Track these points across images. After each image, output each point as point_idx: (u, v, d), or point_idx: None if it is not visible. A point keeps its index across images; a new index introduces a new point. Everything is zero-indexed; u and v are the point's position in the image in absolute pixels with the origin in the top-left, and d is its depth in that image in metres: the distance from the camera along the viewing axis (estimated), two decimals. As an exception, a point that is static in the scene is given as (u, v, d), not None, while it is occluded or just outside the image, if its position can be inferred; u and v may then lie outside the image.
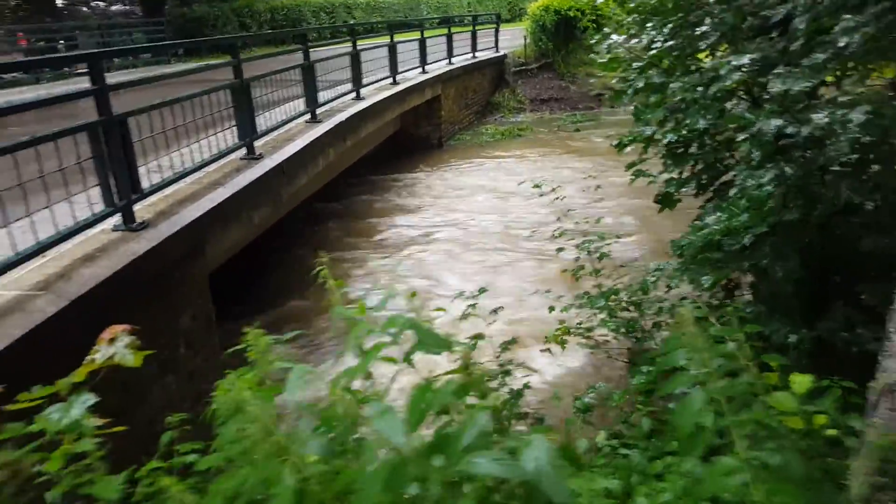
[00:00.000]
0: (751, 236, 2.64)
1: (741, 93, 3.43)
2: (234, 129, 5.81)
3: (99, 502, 1.40)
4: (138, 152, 4.21)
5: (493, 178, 12.18)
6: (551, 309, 5.07)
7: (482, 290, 4.57)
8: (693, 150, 3.59)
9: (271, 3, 22.45)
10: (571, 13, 19.41)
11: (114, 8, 30.36)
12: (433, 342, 1.20)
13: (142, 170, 4.30)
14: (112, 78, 4.01)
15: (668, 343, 1.33)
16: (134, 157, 4.10)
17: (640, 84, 3.56)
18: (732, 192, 2.86)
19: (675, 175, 4.07)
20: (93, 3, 30.73)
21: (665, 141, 3.64)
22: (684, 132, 3.43)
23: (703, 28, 3.25)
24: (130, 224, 4.04)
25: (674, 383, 1.23)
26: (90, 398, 1.87)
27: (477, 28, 17.79)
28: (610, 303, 4.75)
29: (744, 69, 2.77)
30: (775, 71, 2.70)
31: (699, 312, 1.45)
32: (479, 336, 2.15)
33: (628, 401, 3.56)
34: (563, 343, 4.85)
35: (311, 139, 7.08)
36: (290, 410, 1.37)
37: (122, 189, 3.96)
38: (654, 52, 3.57)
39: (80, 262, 3.57)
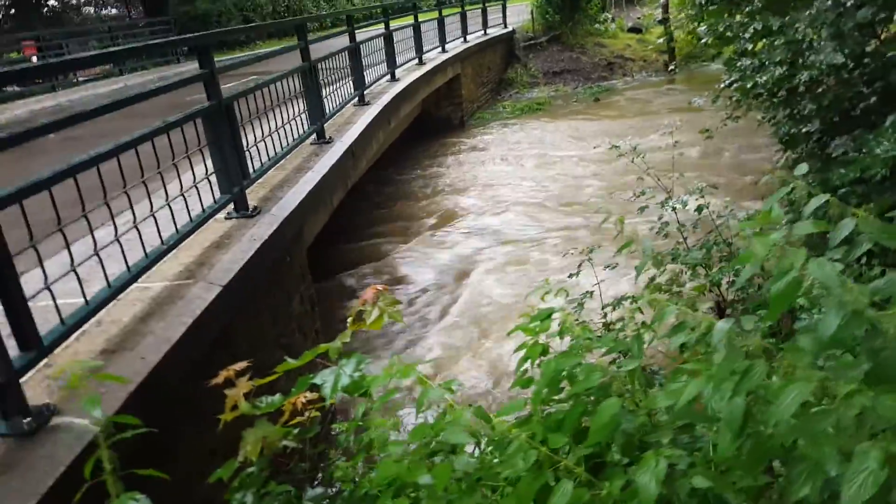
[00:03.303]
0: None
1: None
2: (305, 113, 5.72)
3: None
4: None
5: (538, 148, 12.17)
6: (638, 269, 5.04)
7: (590, 252, 4.54)
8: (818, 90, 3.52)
9: (272, -4, 22.21)
10: (576, -17, 19.26)
11: (105, 12, 30.03)
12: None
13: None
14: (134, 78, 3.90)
15: None
16: (241, 142, 4.03)
17: (759, 27, 3.48)
18: (890, 121, 2.79)
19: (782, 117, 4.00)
20: (84, 10, 30.36)
21: (783, 85, 3.57)
22: (805, 74, 3.35)
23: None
24: (244, 210, 3.98)
25: None
26: (365, 359, 1.85)
27: (486, 5, 17.59)
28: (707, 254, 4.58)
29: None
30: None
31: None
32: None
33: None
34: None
35: (369, 121, 7.00)
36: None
37: (234, 176, 3.90)
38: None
39: (213, 249, 3.52)
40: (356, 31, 7.78)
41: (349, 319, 1.84)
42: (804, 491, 1.07)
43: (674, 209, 4.91)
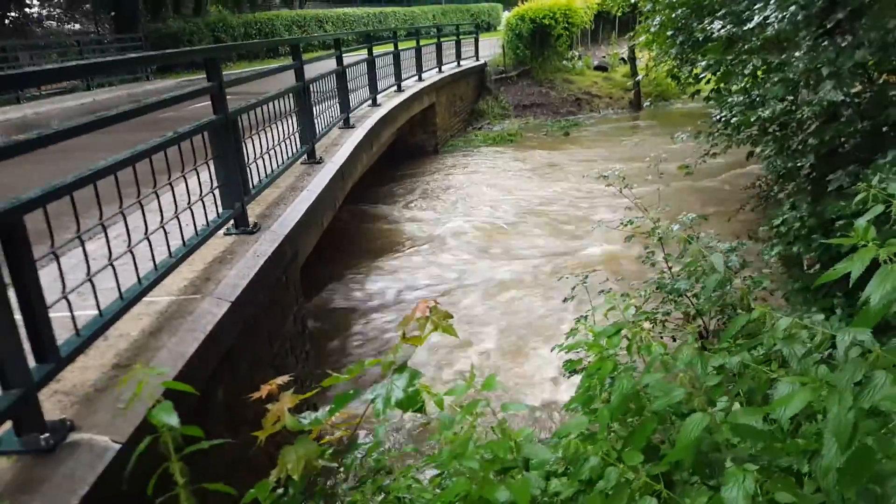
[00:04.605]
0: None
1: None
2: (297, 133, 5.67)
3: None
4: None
5: (510, 177, 12.37)
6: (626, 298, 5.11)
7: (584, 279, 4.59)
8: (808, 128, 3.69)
9: (244, 18, 22.14)
10: (546, 21, 19.83)
11: (69, 27, 29.35)
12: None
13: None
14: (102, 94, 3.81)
15: None
16: (244, 158, 3.96)
17: (758, 62, 3.64)
18: (892, 156, 2.94)
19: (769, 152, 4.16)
20: (46, 24, 29.63)
21: (779, 120, 3.72)
22: (808, 110, 3.51)
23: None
24: (244, 227, 3.90)
25: None
26: (417, 372, 1.81)
27: (459, 38, 17.95)
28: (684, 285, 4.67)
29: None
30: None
31: None
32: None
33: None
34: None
35: (356, 143, 6.99)
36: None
37: (237, 191, 3.82)
38: (771, 31, 3.66)
39: (216, 264, 3.42)
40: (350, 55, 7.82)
41: (400, 333, 1.80)
42: None
43: (659, 239, 5.03)
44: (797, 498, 1.30)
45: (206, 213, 3.43)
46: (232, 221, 3.87)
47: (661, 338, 5.21)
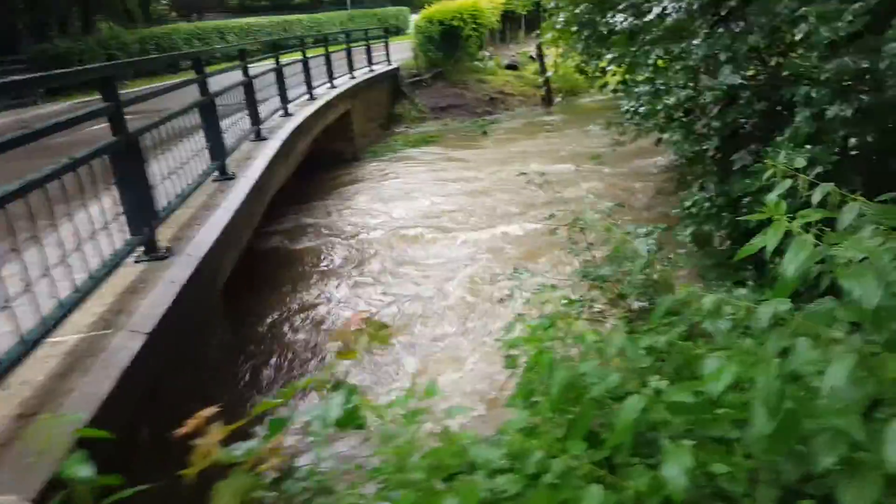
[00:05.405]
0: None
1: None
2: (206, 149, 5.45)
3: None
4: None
5: (435, 179, 12.37)
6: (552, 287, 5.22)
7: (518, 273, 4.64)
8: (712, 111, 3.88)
9: (139, 34, 21.15)
10: (455, 23, 20.03)
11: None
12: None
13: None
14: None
15: None
16: (149, 180, 3.75)
17: (660, 52, 3.79)
18: (788, 133, 3.12)
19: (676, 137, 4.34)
20: None
21: (684, 106, 3.89)
22: (709, 95, 3.69)
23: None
24: (154, 252, 3.69)
25: None
26: (354, 388, 1.74)
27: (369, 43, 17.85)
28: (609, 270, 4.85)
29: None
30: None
31: None
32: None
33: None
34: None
35: (271, 156, 6.79)
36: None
37: (145, 215, 3.62)
38: (670, 21, 3.81)
39: (128, 294, 3.21)
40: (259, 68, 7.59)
41: (335, 348, 1.73)
42: (828, 461, 1.12)
43: (581, 229, 5.18)
44: (730, 466, 1.34)
45: (112, 242, 3.22)
46: (142, 248, 3.66)
47: (592, 324, 5.36)
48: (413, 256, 8.35)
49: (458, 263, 7.94)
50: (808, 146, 2.97)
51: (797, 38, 2.97)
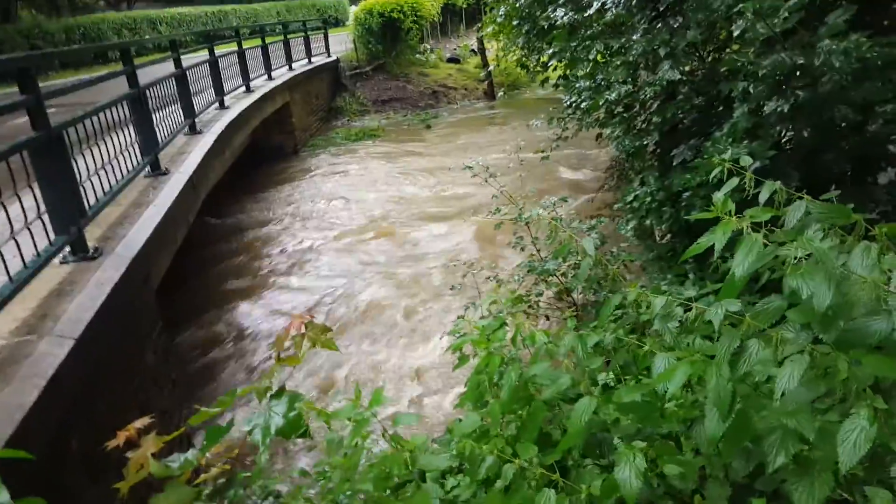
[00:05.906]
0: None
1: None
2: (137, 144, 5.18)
3: None
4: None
5: (377, 174, 12.20)
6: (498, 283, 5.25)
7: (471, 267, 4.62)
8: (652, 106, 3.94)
9: (64, 23, 20.02)
10: (394, 15, 19.83)
11: None
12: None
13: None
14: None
15: None
16: (75, 177, 3.53)
17: (600, 47, 3.82)
18: (726, 128, 3.20)
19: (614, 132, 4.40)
20: None
21: (624, 101, 3.94)
22: (649, 90, 3.74)
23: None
24: (83, 252, 3.48)
25: None
26: (297, 395, 1.67)
27: (307, 34, 17.46)
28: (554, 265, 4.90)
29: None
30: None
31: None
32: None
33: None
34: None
35: (206, 150, 6.54)
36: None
37: (71, 214, 3.40)
38: (609, 16, 3.84)
39: (53, 298, 3.02)
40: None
41: (274, 354, 1.66)
42: (780, 460, 1.13)
43: (526, 223, 5.20)
44: (681, 465, 1.35)
45: (34, 243, 3.01)
46: (68, 248, 3.44)
47: (538, 318, 5.41)
48: (359, 253, 8.23)
49: (405, 258, 7.88)
50: (746, 141, 3.07)
51: (734, 33, 3.06)
